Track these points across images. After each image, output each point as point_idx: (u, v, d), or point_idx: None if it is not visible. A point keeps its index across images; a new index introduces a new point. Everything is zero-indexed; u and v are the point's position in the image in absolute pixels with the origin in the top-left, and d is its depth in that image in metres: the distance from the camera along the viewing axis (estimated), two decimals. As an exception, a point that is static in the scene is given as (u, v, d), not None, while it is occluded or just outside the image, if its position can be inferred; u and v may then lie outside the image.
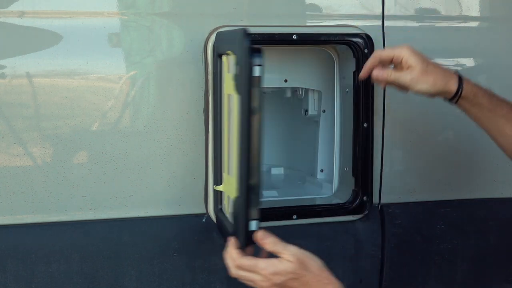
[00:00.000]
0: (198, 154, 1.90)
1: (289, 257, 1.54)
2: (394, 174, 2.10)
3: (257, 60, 1.49)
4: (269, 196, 2.23)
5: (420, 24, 2.15)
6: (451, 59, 2.17)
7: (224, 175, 1.77)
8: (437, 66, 1.80)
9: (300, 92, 2.29)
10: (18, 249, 1.78)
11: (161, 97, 1.88)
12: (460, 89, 1.79)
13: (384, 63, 1.82)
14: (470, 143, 2.21)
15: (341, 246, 2.07)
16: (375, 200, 2.11)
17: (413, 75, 1.77)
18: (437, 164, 2.17)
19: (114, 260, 1.87)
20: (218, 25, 1.89)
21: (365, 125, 2.04)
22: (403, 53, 1.78)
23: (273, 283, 1.54)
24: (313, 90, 2.26)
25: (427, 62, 1.78)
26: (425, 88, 1.77)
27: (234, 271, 1.59)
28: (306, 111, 2.29)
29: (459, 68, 2.18)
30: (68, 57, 1.65)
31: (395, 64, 1.81)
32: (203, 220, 1.95)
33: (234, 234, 1.60)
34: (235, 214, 1.62)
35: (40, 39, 1.76)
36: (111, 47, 1.85)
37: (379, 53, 1.83)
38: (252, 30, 1.91)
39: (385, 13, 2.07)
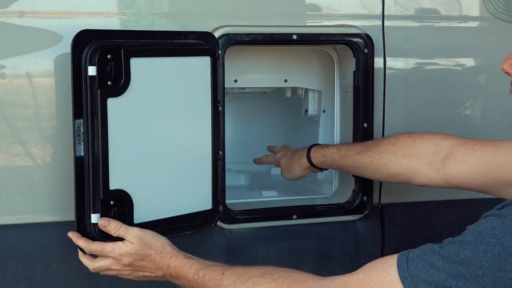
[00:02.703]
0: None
1: (131, 239, 1.63)
2: (394, 174, 2.10)
3: None
4: (269, 196, 2.23)
5: (420, 24, 2.15)
6: (451, 59, 2.17)
7: None
8: (296, 160, 2.08)
9: (300, 92, 2.29)
10: (18, 249, 1.78)
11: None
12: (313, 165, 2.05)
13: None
14: (470, 143, 2.20)
15: (341, 246, 2.07)
16: (375, 200, 2.10)
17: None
18: (437, 164, 2.17)
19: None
20: (218, 25, 1.89)
21: (365, 125, 2.04)
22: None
23: (123, 264, 1.64)
24: (313, 90, 2.26)
25: (288, 160, 2.11)
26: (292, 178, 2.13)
27: (91, 266, 1.67)
28: (306, 111, 2.29)
29: (459, 68, 2.18)
30: (68, 57, 1.65)
31: None
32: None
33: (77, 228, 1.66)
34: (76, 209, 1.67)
35: (40, 39, 1.76)
36: (111, 47, 1.85)
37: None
38: (252, 30, 1.92)
39: (385, 13, 2.07)
